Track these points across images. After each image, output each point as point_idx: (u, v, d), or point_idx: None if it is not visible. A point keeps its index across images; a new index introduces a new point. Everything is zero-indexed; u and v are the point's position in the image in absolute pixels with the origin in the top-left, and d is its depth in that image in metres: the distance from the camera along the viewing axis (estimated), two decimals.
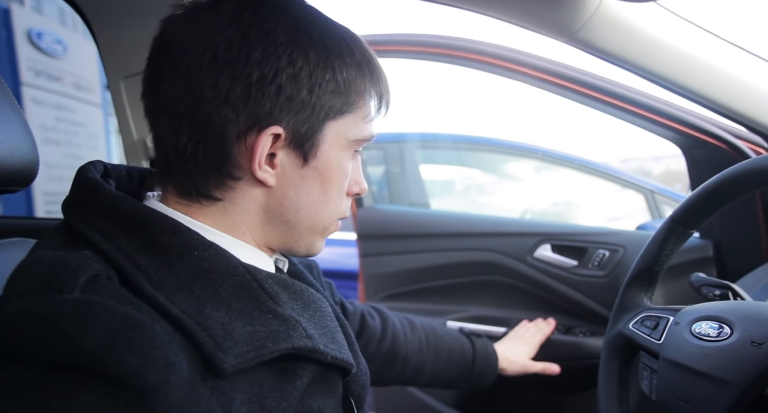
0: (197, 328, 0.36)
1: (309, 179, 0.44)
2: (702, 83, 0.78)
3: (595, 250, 1.08)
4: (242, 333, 0.37)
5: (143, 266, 0.37)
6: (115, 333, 0.31)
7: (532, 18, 0.70)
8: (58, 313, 0.31)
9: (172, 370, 0.32)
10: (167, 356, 0.32)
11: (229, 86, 0.39)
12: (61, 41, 3.84)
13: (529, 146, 2.00)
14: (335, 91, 0.42)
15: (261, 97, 0.40)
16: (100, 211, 0.40)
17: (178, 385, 0.32)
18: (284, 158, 0.43)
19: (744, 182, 0.55)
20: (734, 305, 0.54)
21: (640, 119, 0.94)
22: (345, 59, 0.43)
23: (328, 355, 0.42)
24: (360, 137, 0.46)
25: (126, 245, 0.38)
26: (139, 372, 0.30)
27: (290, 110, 0.41)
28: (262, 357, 0.37)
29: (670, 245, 0.63)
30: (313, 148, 0.43)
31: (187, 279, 0.38)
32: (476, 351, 0.85)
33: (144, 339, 0.31)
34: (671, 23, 0.74)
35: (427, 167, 1.90)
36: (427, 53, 1.09)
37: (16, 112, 0.49)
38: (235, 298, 0.39)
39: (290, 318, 0.41)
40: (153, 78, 0.42)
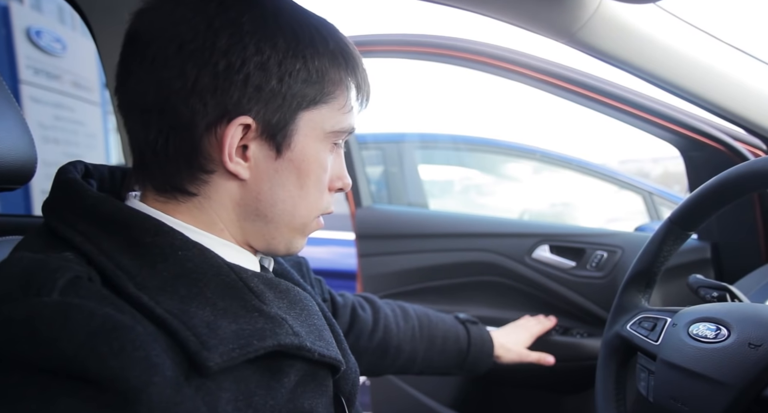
0: (181, 327, 0.35)
1: (284, 171, 0.43)
2: (701, 85, 0.79)
3: (593, 251, 1.08)
4: (227, 332, 0.37)
5: (126, 266, 0.37)
6: (95, 335, 0.30)
7: (532, 19, 0.70)
8: (36, 316, 0.31)
9: (155, 371, 0.31)
10: (150, 357, 0.32)
11: (195, 76, 0.38)
12: (60, 40, 3.83)
13: (528, 146, 2.00)
14: (307, 81, 0.41)
15: (228, 86, 0.39)
16: (81, 212, 0.39)
17: (161, 386, 0.31)
18: (257, 150, 0.42)
19: (742, 184, 0.55)
20: (732, 307, 0.54)
21: (639, 121, 0.94)
22: (317, 48, 0.41)
23: (315, 352, 0.42)
24: (338, 128, 0.45)
25: (108, 246, 0.38)
26: (121, 373, 0.30)
27: (259, 99, 0.40)
28: (248, 354, 0.37)
29: (668, 247, 0.63)
30: (287, 139, 0.42)
31: (171, 279, 0.37)
32: (471, 338, 0.83)
33: (126, 340, 0.31)
34: (671, 25, 0.74)
35: (426, 168, 1.90)
36: (427, 54, 1.09)
37: (14, 109, 0.49)
38: (220, 297, 0.39)
39: (276, 315, 0.40)
40: (123, 72, 0.41)
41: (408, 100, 3.51)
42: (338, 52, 0.43)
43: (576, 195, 2.48)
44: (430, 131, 1.99)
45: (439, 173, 2.49)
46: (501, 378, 1.20)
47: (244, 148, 0.41)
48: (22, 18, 3.53)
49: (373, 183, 1.64)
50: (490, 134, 2.07)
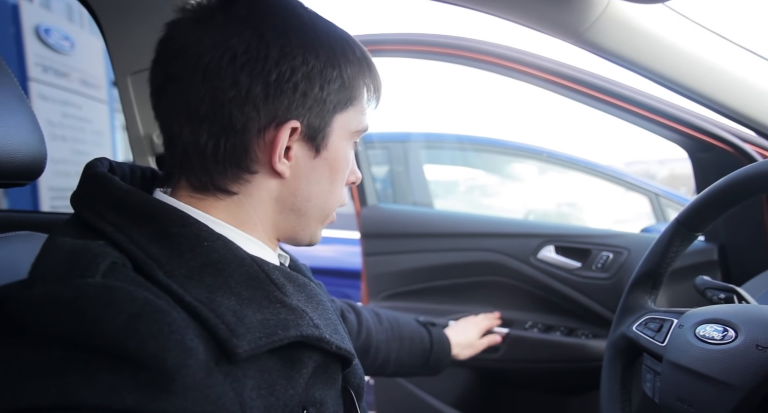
0: (211, 315, 0.37)
1: (319, 169, 0.47)
2: (709, 86, 0.78)
3: (599, 252, 1.07)
4: (253, 321, 0.39)
5: (156, 255, 0.39)
6: (136, 318, 0.32)
7: (539, 18, 0.70)
8: (81, 297, 0.32)
9: (189, 354, 0.33)
10: (185, 340, 0.33)
11: (249, 85, 0.41)
12: (68, 37, 3.86)
13: (534, 147, 1.99)
14: (341, 87, 0.45)
15: (279, 94, 0.42)
16: (110, 204, 0.41)
17: (194, 369, 0.33)
18: (298, 150, 0.45)
19: (750, 185, 0.55)
20: (739, 308, 0.54)
21: (646, 121, 0.94)
22: (348, 57, 0.46)
23: (333, 344, 0.44)
24: (360, 128, 0.49)
25: (137, 236, 0.39)
26: (159, 355, 0.31)
27: (305, 105, 0.43)
28: (273, 343, 0.39)
29: (675, 248, 0.63)
30: (324, 140, 0.46)
31: (198, 269, 0.39)
32: (432, 339, 0.90)
33: (163, 323, 0.33)
34: (679, 25, 0.73)
35: (432, 168, 1.90)
36: (434, 53, 1.09)
37: (25, 106, 0.49)
38: (244, 287, 0.40)
39: (297, 307, 0.42)
40: (164, 79, 0.44)
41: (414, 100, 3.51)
42: (362, 59, 0.47)
43: (582, 196, 2.47)
44: (435, 131, 1.98)
45: (445, 173, 2.49)
46: (506, 378, 1.20)
47: (287, 149, 0.45)
48: (32, 16, 3.56)
49: (378, 182, 1.65)
50: (496, 134, 2.06)
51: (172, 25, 0.44)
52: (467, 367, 1.19)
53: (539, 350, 1.08)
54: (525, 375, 1.15)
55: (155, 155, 0.87)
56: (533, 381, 1.17)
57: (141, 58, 0.84)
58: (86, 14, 0.87)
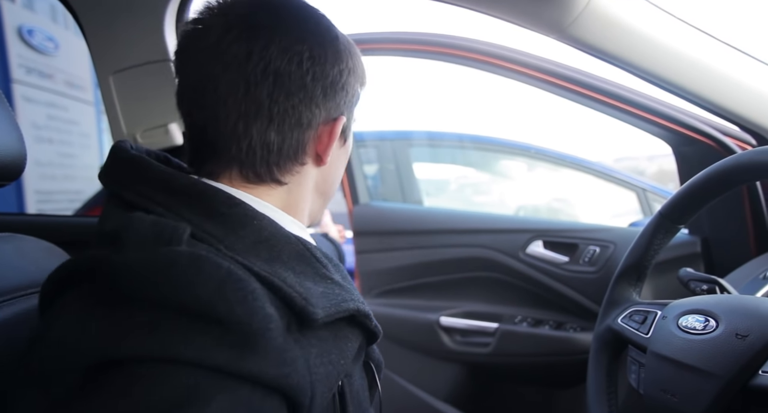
0: (282, 284, 0.39)
1: (342, 155, 0.54)
2: (693, 81, 0.79)
3: (586, 246, 1.08)
4: (316, 292, 0.41)
5: (212, 231, 0.40)
6: (224, 284, 0.34)
7: (523, 14, 0.70)
8: (174, 264, 0.34)
9: (270, 319, 0.35)
10: (265, 307, 0.35)
11: (313, 87, 0.46)
12: (52, 38, 3.80)
13: (523, 144, 2.01)
14: (362, 85, 0.52)
15: (334, 94, 0.48)
16: (156, 186, 0.43)
17: (275, 333, 0.35)
18: (336, 143, 0.51)
19: (730, 176, 0.56)
20: (720, 298, 0.55)
21: (630, 116, 0.95)
22: (360, 59, 0.53)
23: (373, 321, 0.48)
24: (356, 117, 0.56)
25: (189, 215, 0.41)
26: (245, 319, 0.34)
27: (348, 102, 0.50)
28: (339, 313, 0.42)
29: (659, 241, 0.64)
30: (349, 130, 0.53)
31: (252, 245, 0.41)
32: (339, 251, 1.04)
33: (247, 291, 0.35)
34: (661, 20, 0.74)
35: (422, 166, 1.90)
36: (421, 51, 1.09)
37: (2, 106, 0.49)
38: (295, 263, 0.43)
39: (344, 284, 0.46)
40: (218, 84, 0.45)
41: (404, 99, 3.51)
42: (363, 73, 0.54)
43: (571, 192, 2.49)
44: (425, 129, 1.99)
45: (436, 171, 2.50)
46: (497, 373, 1.21)
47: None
48: (14, 17, 3.50)
49: (369, 180, 1.65)
50: (486, 131, 2.07)
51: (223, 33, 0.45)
52: (459, 362, 1.20)
53: (529, 344, 1.09)
54: (515, 369, 1.16)
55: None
56: (523, 374, 1.18)
57: (123, 58, 0.84)
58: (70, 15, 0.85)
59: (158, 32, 0.82)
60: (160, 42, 0.82)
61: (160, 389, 0.31)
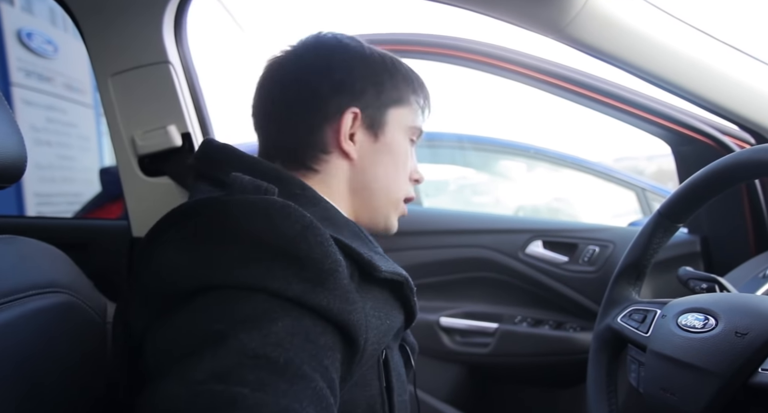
0: (348, 243, 0.45)
1: (381, 153, 0.58)
2: (690, 79, 0.79)
3: (585, 246, 1.09)
4: (375, 256, 0.48)
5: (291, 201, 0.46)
6: (306, 229, 0.41)
7: (520, 14, 0.70)
8: (271, 207, 0.41)
9: (339, 263, 0.41)
10: (335, 253, 0.41)
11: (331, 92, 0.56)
12: (51, 42, 3.80)
13: (523, 144, 2.01)
14: (393, 88, 0.58)
15: (342, 91, 0.56)
16: (246, 169, 0.51)
17: (343, 274, 0.41)
18: (361, 136, 0.57)
19: (728, 175, 0.56)
20: (719, 297, 0.55)
21: (629, 116, 0.95)
22: (394, 70, 0.60)
23: (414, 298, 0.53)
24: (414, 124, 0.61)
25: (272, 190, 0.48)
26: (321, 259, 0.40)
27: (361, 99, 0.56)
28: (396, 275, 0.48)
29: (658, 239, 0.64)
30: (381, 128, 0.58)
31: (321, 220, 0.45)
32: None
33: (324, 237, 0.41)
34: (659, 19, 0.74)
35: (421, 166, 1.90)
36: (420, 52, 1.09)
37: (3, 108, 0.49)
38: (354, 239, 0.49)
39: (391, 261, 0.51)
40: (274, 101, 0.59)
41: None
42: (408, 72, 0.62)
43: (570, 192, 2.49)
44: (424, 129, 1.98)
45: (434, 172, 2.50)
46: (497, 373, 1.21)
47: (352, 135, 0.57)
48: (13, 20, 3.50)
49: None
50: (484, 131, 2.07)
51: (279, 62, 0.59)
52: (458, 363, 1.20)
53: (529, 344, 1.09)
54: (515, 369, 1.16)
55: (138, 156, 0.86)
56: (523, 375, 1.18)
57: (121, 60, 0.84)
58: None
59: (157, 34, 0.82)
60: (159, 44, 0.83)
61: (242, 307, 0.37)
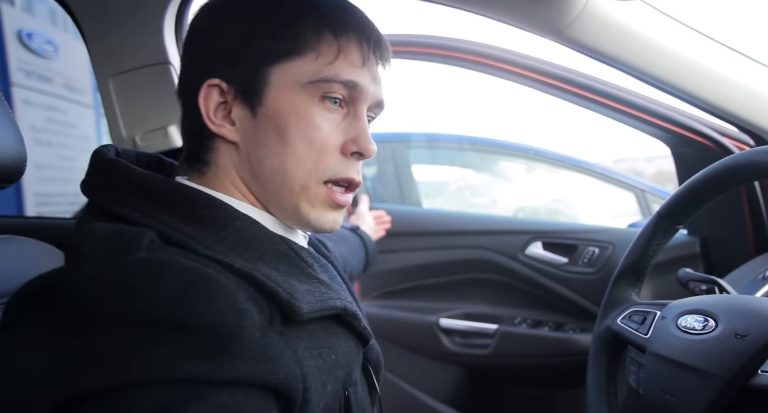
0: (266, 279, 0.37)
1: (264, 128, 0.44)
2: (689, 81, 0.79)
3: (585, 247, 1.09)
4: (301, 290, 0.40)
5: (191, 234, 0.38)
6: (188, 286, 0.32)
7: (521, 16, 0.70)
8: (132, 273, 0.32)
9: (244, 315, 0.33)
10: (238, 303, 0.34)
11: (190, 55, 0.46)
12: (51, 42, 3.80)
13: (522, 145, 2.01)
14: (271, 36, 0.43)
15: (198, 54, 0.45)
16: (133, 190, 0.40)
17: (251, 329, 0.33)
18: (239, 111, 0.44)
19: (728, 176, 0.56)
20: (719, 298, 0.55)
21: (629, 118, 0.95)
22: (267, 9, 0.43)
23: (362, 322, 0.46)
24: (317, 78, 0.43)
25: (168, 219, 0.39)
26: (216, 320, 0.32)
27: (225, 61, 0.43)
28: (326, 310, 0.41)
29: (657, 241, 0.64)
30: (258, 95, 0.43)
31: (234, 245, 0.39)
32: (365, 242, 1.01)
33: (216, 289, 0.33)
34: (659, 21, 0.74)
35: (420, 168, 1.90)
36: (419, 54, 1.09)
37: (3, 108, 0.49)
38: (279, 263, 0.41)
39: (330, 284, 0.44)
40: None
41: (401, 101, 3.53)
42: (295, 5, 0.44)
43: (570, 194, 2.49)
44: (423, 131, 1.99)
45: (434, 173, 2.50)
46: (496, 374, 1.20)
47: (229, 113, 0.44)
48: (14, 20, 3.50)
49: (368, 182, 1.65)
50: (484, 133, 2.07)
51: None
52: (458, 364, 1.20)
53: (528, 345, 1.09)
54: (515, 371, 1.16)
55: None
56: (523, 376, 1.18)
57: (122, 60, 0.84)
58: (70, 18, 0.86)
59: (158, 35, 0.82)
60: (160, 45, 0.83)
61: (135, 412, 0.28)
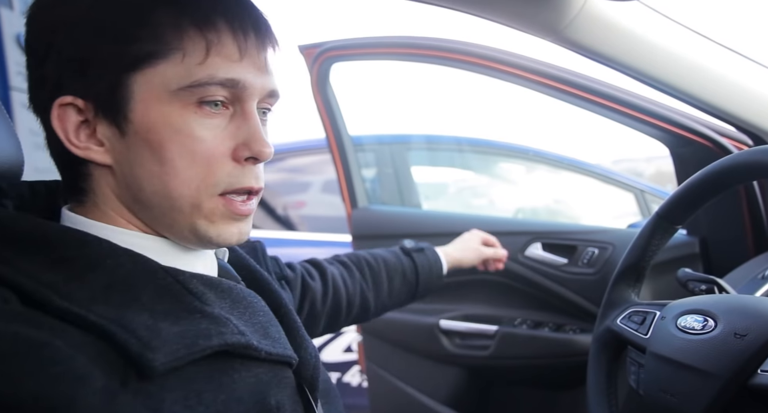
0: (119, 330, 0.34)
1: (135, 148, 0.40)
2: (688, 81, 0.79)
3: (584, 248, 1.08)
4: (170, 333, 0.36)
5: (50, 282, 0.35)
6: (4, 358, 0.29)
7: (518, 17, 0.70)
8: None
9: (80, 383, 0.30)
10: (72, 369, 0.31)
11: (33, 69, 0.41)
12: None
13: (521, 146, 2.01)
14: (125, 38, 0.38)
15: (42, 70, 0.40)
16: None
17: (90, 397, 0.30)
18: (104, 130, 0.40)
19: (727, 176, 0.56)
20: (718, 298, 0.55)
21: (627, 118, 0.95)
22: (106, 6, 0.39)
23: (261, 351, 0.41)
24: (189, 82, 0.39)
25: (27, 265, 0.35)
26: (42, 392, 0.29)
27: (74, 74, 0.39)
28: (195, 354, 0.36)
29: (657, 241, 0.64)
30: (121, 111, 0.39)
31: (102, 289, 0.36)
32: (418, 268, 0.87)
33: (42, 357, 0.30)
34: (656, 22, 0.75)
35: (420, 169, 1.90)
36: (418, 55, 1.09)
37: (0, 114, 0.49)
38: (158, 302, 0.37)
39: (220, 316, 0.40)
40: None
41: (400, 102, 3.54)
42: (169, 2, 0.39)
43: (569, 194, 2.49)
44: (423, 132, 1.99)
45: (433, 174, 2.50)
46: (497, 375, 1.20)
47: (93, 133, 0.40)
48: (12, 24, 3.51)
49: (367, 183, 1.65)
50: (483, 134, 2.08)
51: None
52: (458, 365, 1.19)
53: (529, 346, 1.09)
54: (515, 372, 1.16)
55: None
56: (523, 377, 1.18)
57: None
58: None
59: None
60: None
61: None
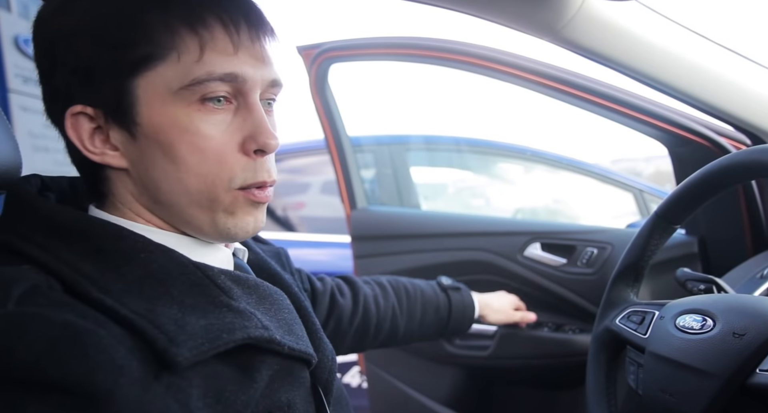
0: (148, 326, 0.36)
1: (147, 150, 0.41)
2: (686, 81, 0.79)
3: (583, 248, 1.08)
4: (196, 327, 0.37)
5: (88, 272, 0.37)
6: (56, 342, 0.31)
7: (516, 17, 0.70)
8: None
9: (120, 373, 0.32)
10: (114, 359, 0.32)
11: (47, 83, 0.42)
12: None
13: (520, 146, 2.01)
14: (122, 43, 0.39)
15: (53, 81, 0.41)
16: (36, 225, 0.39)
17: (128, 387, 0.32)
18: (116, 135, 0.42)
19: (725, 176, 0.56)
20: (717, 298, 0.55)
21: (626, 118, 0.95)
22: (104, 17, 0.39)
23: (285, 346, 0.43)
24: (189, 80, 0.39)
25: (67, 255, 0.38)
26: (86, 378, 0.31)
27: (81, 83, 0.40)
28: (218, 348, 0.38)
29: (655, 241, 0.64)
30: (128, 115, 0.40)
31: (136, 281, 0.38)
32: (452, 306, 0.87)
33: (88, 344, 0.32)
34: (654, 22, 0.75)
35: (419, 169, 1.90)
36: (417, 55, 1.09)
37: None
38: (187, 295, 0.39)
39: (245, 310, 0.41)
40: None
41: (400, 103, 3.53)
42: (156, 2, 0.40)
43: (568, 194, 2.49)
44: (422, 133, 1.99)
45: (432, 175, 2.50)
46: (496, 376, 1.20)
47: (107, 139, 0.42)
48: (11, 26, 3.50)
49: (366, 184, 1.65)
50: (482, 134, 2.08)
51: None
52: (458, 365, 1.19)
53: (528, 346, 1.09)
54: (515, 372, 1.16)
55: None
56: (523, 377, 1.18)
57: None
58: None
59: None
60: None
61: None
